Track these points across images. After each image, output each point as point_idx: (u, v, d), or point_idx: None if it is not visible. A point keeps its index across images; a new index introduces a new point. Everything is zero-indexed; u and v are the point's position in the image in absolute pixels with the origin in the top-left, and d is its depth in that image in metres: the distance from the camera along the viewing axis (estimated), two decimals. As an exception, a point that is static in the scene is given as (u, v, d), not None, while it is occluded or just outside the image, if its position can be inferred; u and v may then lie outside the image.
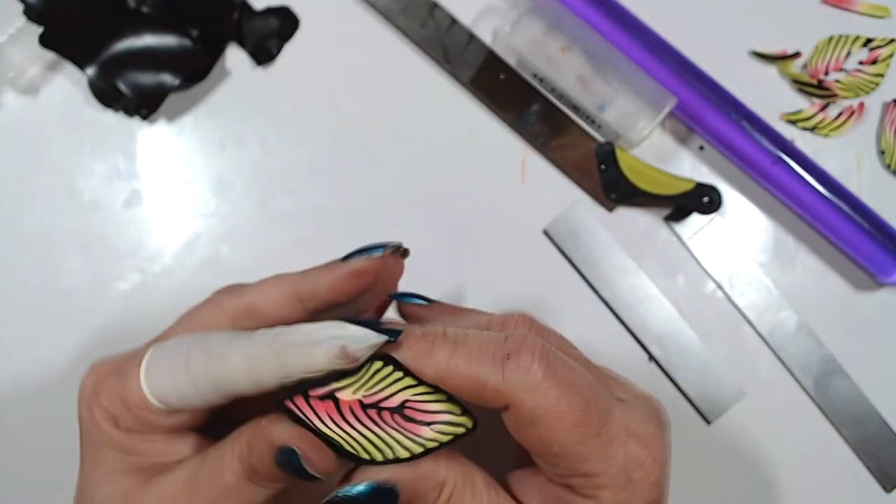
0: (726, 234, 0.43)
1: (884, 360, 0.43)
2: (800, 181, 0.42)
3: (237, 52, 0.44)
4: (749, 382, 0.42)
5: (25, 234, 0.42)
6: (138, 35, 0.42)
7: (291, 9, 0.45)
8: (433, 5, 0.44)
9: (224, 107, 0.44)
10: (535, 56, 0.42)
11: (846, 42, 0.45)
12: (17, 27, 0.42)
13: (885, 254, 0.42)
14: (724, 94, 0.43)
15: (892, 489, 0.41)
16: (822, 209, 0.42)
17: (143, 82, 0.42)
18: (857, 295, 0.43)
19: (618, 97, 0.42)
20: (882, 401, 0.42)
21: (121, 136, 0.43)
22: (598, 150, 0.43)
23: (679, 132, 0.45)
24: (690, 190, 0.42)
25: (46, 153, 0.43)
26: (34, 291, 0.42)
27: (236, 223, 0.43)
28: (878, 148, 0.44)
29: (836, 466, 0.42)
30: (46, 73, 0.44)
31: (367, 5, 0.45)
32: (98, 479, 0.26)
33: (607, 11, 0.44)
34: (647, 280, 0.42)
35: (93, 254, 0.42)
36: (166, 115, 0.44)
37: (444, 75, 0.44)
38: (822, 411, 0.42)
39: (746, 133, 0.43)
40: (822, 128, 0.44)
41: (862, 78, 0.44)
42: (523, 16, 0.43)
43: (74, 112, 0.43)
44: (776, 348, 0.42)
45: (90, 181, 0.43)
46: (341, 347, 0.22)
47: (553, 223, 0.43)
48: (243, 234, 0.43)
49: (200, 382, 0.24)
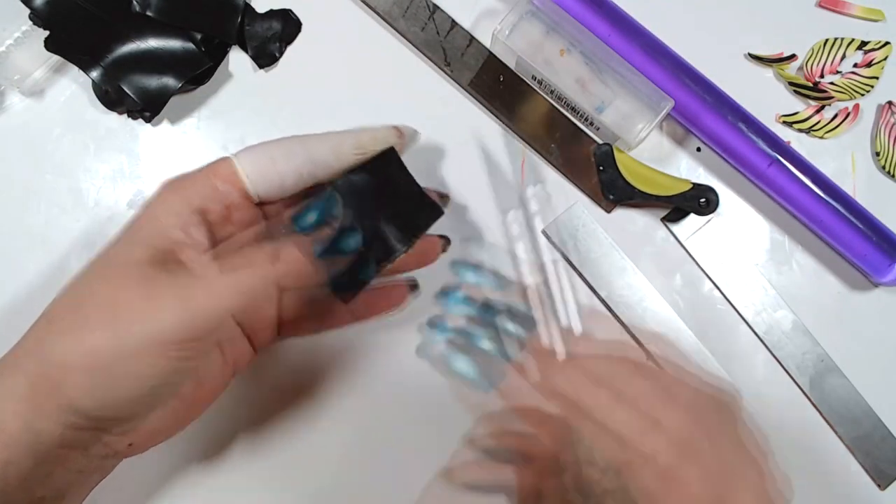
0: (723, 234, 0.44)
1: (878, 359, 0.43)
2: (796, 182, 0.43)
3: (240, 54, 0.45)
4: (745, 381, 0.42)
5: (30, 235, 0.43)
6: (142, 38, 0.42)
7: (293, 12, 0.45)
8: (434, 9, 0.45)
9: (227, 109, 0.44)
10: (533, 58, 0.43)
11: (841, 45, 0.45)
12: (23, 30, 0.42)
13: (880, 254, 0.42)
14: (720, 97, 0.43)
15: (886, 486, 0.42)
16: (818, 210, 0.43)
17: (147, 85, 0.42)
18: (852, 294, 0.44)
19: (616, 99, 0.43)
20: (877, 399, 0.42)
21: (125, 138, 0.44)
22: (597, 151, 0.43)
23: (676, 134, 0.45)
24: (688, 191, 0.42)
25: (51, 155, 0.44)
26: (38, 291, 0.42)
27: (239, 224, 0.43)
28: (873, 150, 0.45)
29: (831, 464, 0.42)
30: (51, 75, 0.44)
31: (369, 9, 0.45)
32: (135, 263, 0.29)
33: (606, 14, 0.44)
34: (644, 280, 0.43)
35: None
36: (170, 118, 0.44)
37: (444, 78, 0.45)
38: (818, 409, 0.42)
39: (743, 135, 0.43)
40: (818, 130, 0.45)
41: (857, 80, 0.45)
42: (522, 19, 0.43)
43: (79, 114, 0.44)
44: (772, 347, 0.43)
45: (94, 182, 0.43)
46: (396, 127, 0.35)
47: (552, 223, 0.43)
48: (246, 234, 0.43)
49: (297, 162, 0.32)
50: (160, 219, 0.31)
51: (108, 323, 0.28)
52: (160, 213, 0.31)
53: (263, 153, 0.33)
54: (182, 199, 0.31)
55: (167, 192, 0.31)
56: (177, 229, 0.30)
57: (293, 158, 0.33)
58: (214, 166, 0.32)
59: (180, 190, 0.31)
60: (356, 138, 0.34)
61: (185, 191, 0.31)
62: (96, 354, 0.27)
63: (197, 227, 0.31)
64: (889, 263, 0.42)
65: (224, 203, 0.32)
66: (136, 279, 0.28)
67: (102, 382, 0.27)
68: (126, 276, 0.29)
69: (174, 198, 0.31)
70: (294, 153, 0.33)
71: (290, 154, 0.33)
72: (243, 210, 0.33)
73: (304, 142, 0.33)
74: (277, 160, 0.32)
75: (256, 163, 0.32)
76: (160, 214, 0.31)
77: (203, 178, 0.32)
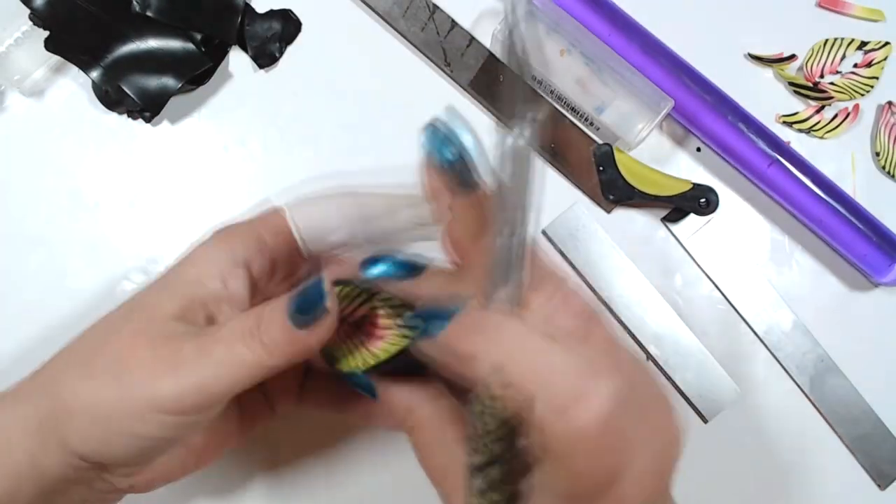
0: (723, 234, 0.44)
1: (878, 359, 0.43)
2: (796, 182, 0.43)
3: (240, 54, 0.45)
4: (745, 381, 0.42)
5: (31, 235, 0.43)
6: (142, 38, 0.42)
7: (293, 12, 0.45)
8: (434, 9, 0.45)
9: (227, 109, 0.44)
10: (533, 59, 0.43)
11: (841, 45, 0.45)
12: (23, 31, 0.42)
13: (880, 254, 0.42)
14: (720, 97, 0.43)
15: (886, 486, 0.42)
16: (818, 210, 0.43)
17: (147, 85, 0.42)
18: (852, 294, 0.44)
19: (616, 99, 0.43)
20: (877, 399, 0.42)
21: (125, 139, 0.44)
22: (597, 151, 0.43)
23: (676, 134, 0.45)
24: (688, 191, 0.43)
25: (51, 155, 0.44)
26: (39, 292, 0.42)
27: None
28: (873, 150, 0.45)
29: (831, 464, 0.42)
30: (51, 75, 0.44)
31: (369, 9, 0.45)
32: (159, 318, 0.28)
33: (605, 15, 0.44)
34: (644, 280, 0.43)
35: (97, 255, 0.43)
36: (169, 118, 0.44)
37: (444, 78, 0.45)
38: (818, 409, 0.42)
39: (743, 135, 0.43)
40: (818, 130, 0.45)
41: (857, 80, 0.45)
42: (522, 19, 0.43)
43: (79, 114, 0.44)
44: (772, 347, 0.43)
45: (95, 182, 0.43)
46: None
47: (552, 224, 0.43)
48: (246, 234, 0.43)
49: (352, 216, 0.31)
50: (199, 266, 0.29)
51: (114, 378, 0.27)
52: (200, 261, 0.29)
53: (317, 207, 0.31)
54: (226, 249, 0.30)
55: (212, 240, 0.30)
56: (216, 280, 0.29)
57: (347, 216, 0.31)
58: (265, 218, 0.31)
59: (226, 239, 0.30)
60: (414, 206, 0.31)
61: (230, 240, 0.30)
62: (98, 406, 0.26)
63: (238, 280, 0.29)
64: (889, 263, 0.42)
65: (271, 257, 0.31)
66: (154, 336, 0.27)
67: (100, 435, 0.27)
68: (145, 332, 0.28)
69: (218, 246, 0.30)
70: (348, 209, 0.31)
71: (343, 210, 0.31)
72: (290, 265, 0.32)
73: (358, 199, 0.32)
74: (331, 216, 0.31)
75: (310, 217, 0.31)
76: (200, 262, 0.29)
77: (251, 229, 0.30)
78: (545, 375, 0.24)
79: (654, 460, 0.25)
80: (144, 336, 0.27)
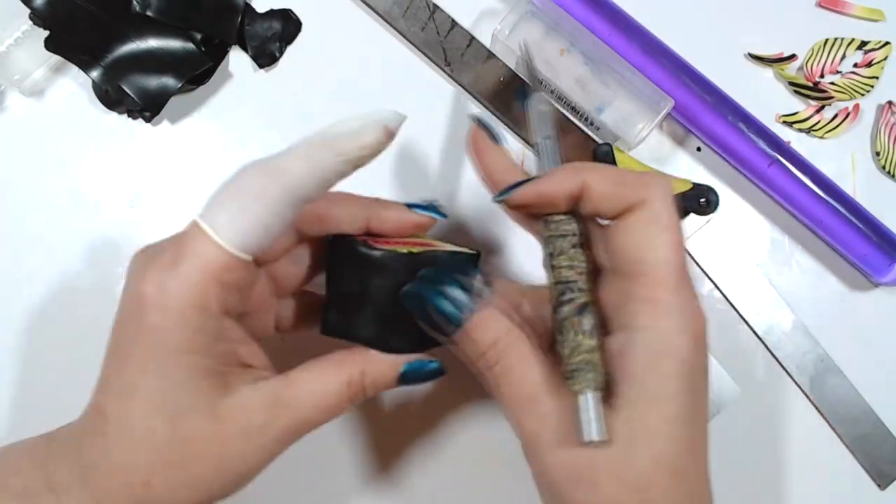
0: (723, 234, 0.44)
1: (878, 359, 0.43)
2: (796, 182, 0.43)
3: (240, 54, 0.45)
4: (745, 381, 0.42)
5: (31, 235, 0.43)
6: (142, 38, 0.42)
7: (293, 12, 0.45)
8: (434, 9, 0.45)
9: (227, 109, 0.44)
10: (534, 58, 0.43)
11: (841, 45, 0.45)
12: (23, 30, 0.42)
13: (880, 254, 0.42)
14: (720, 97, 0.43)
15: (886, 486, 0.42)
16: (818, 210, 0.43)
17: (147, 85, 0.42)
18: (852, 294, 0.44)
19: (616, 99, 0.43)
20: (877, 399, 0.42)
21: (125, 138, 0.44)
22: (597, 151, 0.43)
23: (676, 134, 0.45)
24: (688, 191, 0.42)
25: (51, 154, 0.44)
26: (39, 291, 0.42)
27: (239, 224, 0.43)
28: (873, 149, 0.45)
29: (831, 464, 0.42)
30: (51, 75, 0.44)
31: (369, 8, 0.45)
32: (171, 388, 0.25)
33: (606, 14, 0.44)
34: (644, 280, 0.43)
35: (97, 254, 0.43)
36: (170, 118, 0.44)
37: (444, 77, 0.45)
38: (818, 409, 0.42)
39: (743, 135, 0.43)
40: (818, 130, 0.45)
41: (857, 80, 0.45)
42: (522, 18, 0.43)
43: (79, 114, 0.44)
44: (772, 347, 0.43)
45: (95, 182, 0.43)
46: (385, 127, 0.27)
47: (552, 224, 0.43)
48: (246, 234, 0.43)
49: (275, 201, 0.26)
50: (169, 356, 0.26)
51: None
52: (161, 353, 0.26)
53: (234, 211, 0.26)
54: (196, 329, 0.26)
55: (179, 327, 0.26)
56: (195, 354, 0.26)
57: (274, 198, 0.26)
58: (188, 248, 0.26)
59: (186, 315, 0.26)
60: (340, 154, 0.26)
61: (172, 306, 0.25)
62: (135, 472, 0.26)
63: (209, 339, 0.26)
64: (889, 263, 0.42)
65: (235, 285, 0.27)
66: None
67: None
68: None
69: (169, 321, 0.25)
70: (271, 193, 0.26)
71: (266, 198, 0.26)
72: (250, 280, 0.28)
73: (271, 172, 0.26)
74: (256, 213, 0.26)
75: (235, 227, 0.26)
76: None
77: (189, 276, 0.26)
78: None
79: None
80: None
